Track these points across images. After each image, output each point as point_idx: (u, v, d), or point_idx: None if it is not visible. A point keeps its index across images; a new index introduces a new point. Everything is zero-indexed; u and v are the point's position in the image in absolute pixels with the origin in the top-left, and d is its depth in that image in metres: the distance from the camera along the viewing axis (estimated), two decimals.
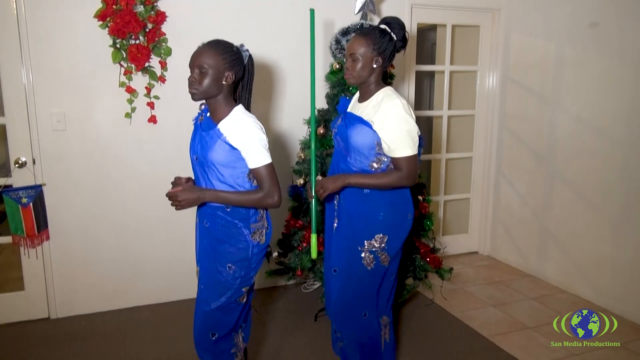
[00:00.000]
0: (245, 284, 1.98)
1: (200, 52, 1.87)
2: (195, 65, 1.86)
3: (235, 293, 1.96)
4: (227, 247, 1.93)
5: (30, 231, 3.08)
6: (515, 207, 4.14)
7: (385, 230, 2.10)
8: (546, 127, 3.77)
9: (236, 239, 1.93)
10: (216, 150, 1.85)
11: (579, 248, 3.57)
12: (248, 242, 1.93)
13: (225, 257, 1.93)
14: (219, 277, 1.93)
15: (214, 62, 1.84)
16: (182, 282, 3.42)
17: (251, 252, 1.95)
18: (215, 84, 1.86)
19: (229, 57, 1.88)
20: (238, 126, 1.86)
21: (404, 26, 2.13)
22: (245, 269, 1.95)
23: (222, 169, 1.88)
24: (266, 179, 1.86)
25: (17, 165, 3.02)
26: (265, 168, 1.87)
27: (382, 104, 2.02)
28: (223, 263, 1.93)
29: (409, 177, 2.04)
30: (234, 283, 1.94)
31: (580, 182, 3.52)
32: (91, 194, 3.20)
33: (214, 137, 1.87)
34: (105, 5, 2.96)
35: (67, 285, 3.24)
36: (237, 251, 1.93)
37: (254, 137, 1.85)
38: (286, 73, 3.50)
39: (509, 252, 4.25)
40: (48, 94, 3.02)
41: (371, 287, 2.18)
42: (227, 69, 1.87)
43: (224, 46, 1.89)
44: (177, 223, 3.35)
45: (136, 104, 3.18)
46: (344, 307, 2.19)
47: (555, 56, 3.65)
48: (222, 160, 1.86)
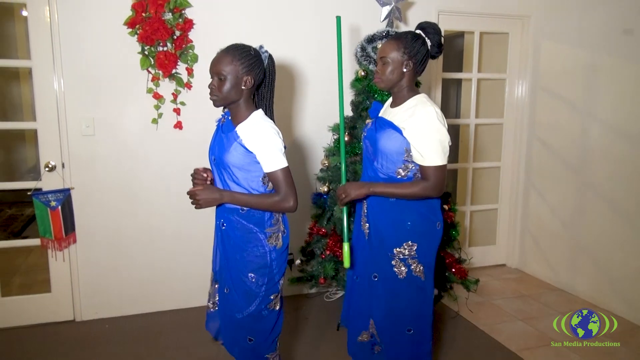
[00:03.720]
0: (272, 291, 1.96)
1: (217, 60, 1.87)
2: (214, 72, 1.87)
3: (264, 300, 1.94)
4: (244, 255, 1.92)
5: (58, 234, 3.14)
6: (545, 218, 4.02)
7: (414, 238, 2.06)
8: (578, 135, 3.66)
9: (253, 245, 1.92)
10: (232, 153, 1.86)
11: (613, 262, 3.43)
12: (265, 247, 1.92)
13: (245, 266, 1.92)
14: (243, 286, 1.92)
15: (232, 68, 1.84)
16: (205, 288, 3.38)
17: (269, 257, 1.93)
18: (235, 89, 1.87)
19: (246, 61, 1.87)
20: (254, 130, 1.86)
21: (440, 32, 2.09)
22: (268, 275, 1.93)
23: (237, 171, 1.88)
24: (282, 182, 1.85)
25: (47, 169, 3.09)
26: (282, 172, 1.85)
27: (416, 111, 1.98)
28: (245, 272, 1.92)
29: (436, 188, 1.99)
30: (259, 291, 1.92)
31: (614, 193, 3.40)
32: (117, 198, 3.24)
33: (230, 139, 1.88)
34: (135, 13, 3.01)
35: (93, 288, 3.28)
36: (255, 259, 1.91)
37: (269, 141, 1.84)
38: (310, 80, 3.49)
39: (538, 265, 4.13)
40: (78, 99, 3.08)
41: (412, 301, 2.11)
42: (245, 73, 1.87)
43: (240, 51, 1.88)
44: (202, 228, 3.35)
45: (163, 110, 3.22)
46: (388, 318, 2.14)
47: (588, 63, 3.55)
48: (237, 162, 1.86)
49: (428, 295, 2.15)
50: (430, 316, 2.18)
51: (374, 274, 2.17)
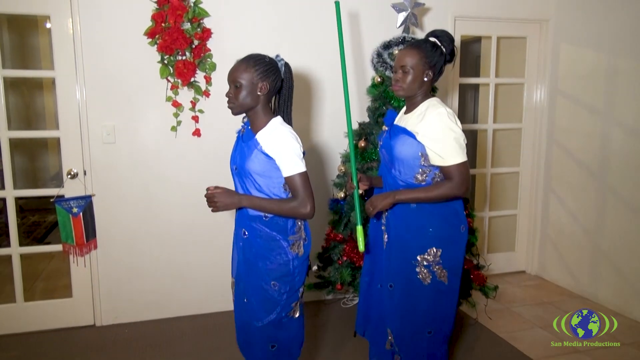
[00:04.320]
0: (293, 299, 1.97)
1: (234, 69, 1.92)
2: (231, 80, 1.92)
3: (285, 308, 1.95)
4: (267, 264, 1.93)
5: (80, 240, 3.20)
6: (565, 224, 3.96)
7: (438, 244, 2.05)
8: (598, 140, 3.61)
9: (276, 253, 1.93)
10: (253, 160, 1.88)
11: (636, 268, 3.36)
12: (288, 255, 1.93)
13: (267, 274, 1.93)
14: (265, 294, 1.93)
15: (247, 75, 1.88)
16: (222, 294, 3.44)
17: (292, 265, 1.94)
18: (251, 96, 1.89)
19: (261, 68, 1.90)
20: (273, 135, 1.88)
21: (453, 40, 2.09)
22: (290, 283, 1.94)
23: (259, 178, 1.89)
24: (300, 187, 1.86)
25: (69, 176, 3.15)
26: (299, 176, 1.86)
27: (426, 114, 1.99)
28: (267, 280, 1.93)
29: (462, 186, 1.98)
30: (281, 299, 1.93)
31: (636, 198, 3.34)
32: (137, 205, 3.29)
33: (251, 147, 1.90)
34: (155, 23, 3.07)
35: (113, 293, 3.33)
36: (279, 267, 1.92)
37: (287, 145, 1.86)
38: (326, 86, 3.51)
39: (558, 272, 4.06)
40: (99, 107, 3.15)
41: (433, 304, 2.10)
42: (260, 79, 1.89)
43: (255, 59, 1.92)
44: (219, 235, 3.39)
45: (181, 118, 3.26)
46: (406, 324, 2.12)
47: (608, 67, 3.50)
48: (259, 169, 1.88)
49: (451, 298, 2.14)
50: (453, 317, 2.17)
51: (390, 283, 2.17)
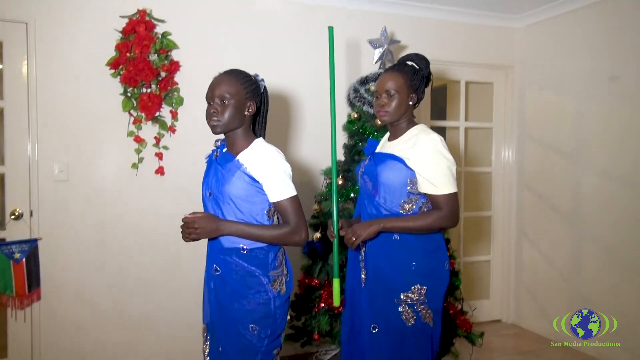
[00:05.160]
0: (275, 345, 1.73)
1: (220, 81, 1.74)
2: (216, 95, 1.72)
3: (266, 356, 1.70)
4: (244, 304, 1.69)
5: (21, 290, 2.81)
6: (540, 269, 3.88)
7: (422, 281, 1.88)
8: (569, 182, 3.61)
9: (255, 291, 1.69)
10: (234, 183, 1.69)
11: (616, 313, 3.27)
12: (268, 293, 1.70)
13: (245, 316, 1.68)
14: (242, 340, 1.68)
15: (236, 91, 1.72)
16: (187, 348, 3.10)
17: (273, 305, 1.71)
18: (238, 115, 1.73)
19: (249, 86, 1.76)
20: (259, 156, 1.71)
21: (429, 63, 2.06)
22: (271, 326, 1.70)
23: (241, 203, 1.69)
24: (292, 212, 1.69)
25: (12, 217, 2.81)
26: (291, 201, 1.70)
27: (419, 140, 1.89)
28: (244, 324, 1.68)
29: (451, 217, 1.88)
30: (261, 345, 1.68)
31: (612, 240, 3.31)
32: (90, 249, 2.97)
33: (232, 169, 1.71)
34: (119, 53, 2.89)
35: (57, 352, 2.91)
36: (258, 307, 1.69)
37: (277, 167, 1.69)
38: (302, 124, 3.39)
39: (536, 320, 3.93)
40: (52, 142, 2.88)
41: (417, 350, 1.91)
42: (249, 98, 1.75)
43: (243, 75, 1.78)
44: (183, 282, 3.09)
45: (144, 154, 3.03)
46: None
47: (574, 110, 3.57)
48: (241, 193, 1.68)
49: (434, 344, 1.96)
50: None
51: (373, 325, 1.96)
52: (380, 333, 1.94)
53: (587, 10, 3.45)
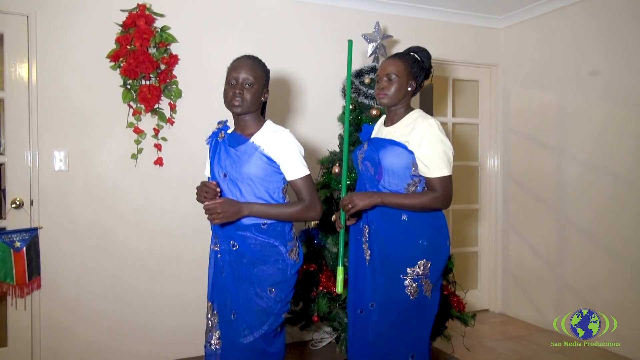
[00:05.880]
0: (285, 309, 1.85)
1: (246, 65, 1.83)
2: (241, 77, 1.81)
3: (276, 320, 1.82)
4: (264, 268, 1.80)
5: (21, 279, 2.84)
6: (527, 259, 4.02)
7: (428, 256, 1.99)
8: (553, 175, 3.77)
9: (274, 259, 1.81)
10: (253, 164, 1.79)
11: (600, 297, 3.42)
12: (286, 260, 1.81)
13: (264, 279, 1.79)
14: (259, 302, 1.78)
15: (259, 76, 1.84)
16: (186, 339, 3.14)
17: (289, 272, 1.83)
18: (257, 99, 1.85)
19: (267, 74, 1.92)
20: (276, 138, 1.81)
21: (430, 56, 2.17)
22: (285, 291, 1.82)
23: (258, 183, 1.80)
24: (307, 190, 1.80)
25: (13, 206, 2.84)
26: (306, 179, 1.82)
27: (417, 124, 1.99)
28: (263, 286, 1.79)
29: (445, 198, 1.98)
30: (275, 307, 1.80)
31: (595, 228, 3.46)
32: (90, 239, 3.00)
33: (248, 150, 1.80)
34: (119, 45, 2.96)
35: (56, 341, 2.93)
36: (277, 272, 1.80)
37: (293, 148, 1.81)
38: (299, 113, 3.48)
39: (523, 308, 4.07)
40: (53, 132, 2.92)
41: (417, 323, 2.01)
42: (265, 85, 1.88)
43: (263, 62, 1.91)
44: (183, 273, 3.14)
45: (143, 145, 3.09)
46: (386, 345, 1.99)
47: (557, 105, 3.74)
48: (259, 173, 1.79)
49: (431, 314, 2.07)
50: (429, 336, 2.09)
51: (371, 303, 2.06)
52: (376, 309, 2.02)
53: (566, 10, 3.63)
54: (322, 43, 3.51)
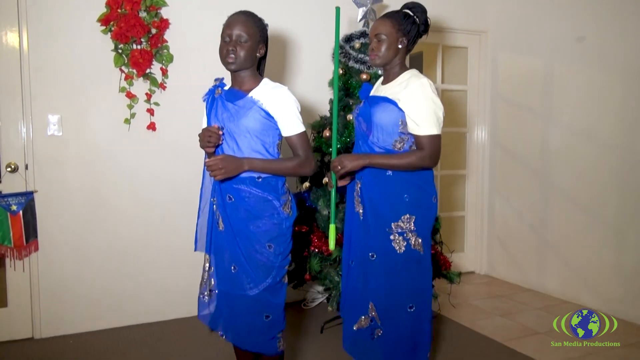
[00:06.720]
0: (287, 262, 1.93)
1: (239, 21, 1.84)
2: (234, 34, 1.83)
3: (280, 271, 1.90)
4: (260, 225, 1.86)
5: (18, 241, 2.89)
6: (511, 222, 4.15)
7: (412, 210, 2.05)
8: (538, 140, 3.86)
9: (269, 213, 1.87)
10: (251, 117, 1.83)
11: (580, 256, 3.57)
12: (280, 214, 1.88)
13: (261, 236, 1.86)
14: (260, 258, 1.85)
15: (253, 32, 1.84)
16: (178, 300, 3.24)
17: (285, 225, 1.90)
18: (252, 55, 1.87)
19: (263, 29, 1.92)
20: (275, 94, 1.85)
21: (426, 11, 2.18)
22: (283, 244, 1.89)
23: (255, 137, 1.84)
24: (302, 146, 1.87)
25: (8, 169, 2.88)
26: (302, 135, 1.87)
27: (410, 83, 2.03)
28: (262, 243, 1.85)
29: (432, 157, 2.02)
30: (276, 261, 1.87)
31: (576, 191, 3.58)
32: (85, 203, 3.05)
33: (246, 105, 1.84)
34: (110, 9, 2.95)
35: (55, 301, 3.01)
36: (273, 227, 1.87)
37: (291, 104, 1.85)
38: (291, 76, 3.51)
39: (507, 270, 4.22)
40: (45, 97, 2.93)
41: (411, 275, 2.08)
42: (261, 41, 1.89)
43: (258, 18, 1.91)
44: (176, 236, 3.21)
45: (136, 110, 3.11)
46: (389, 296, 2.08)
47: (543, 71, 3.80)
48: (257, 127, 1.83)
49: (427, 269, 2.13)
50: (430, 291, 2.16)
51: (371, 254, 2.13)
52: (377, 260, 2.10)
53: None
54: (311, 8, 3.52)
